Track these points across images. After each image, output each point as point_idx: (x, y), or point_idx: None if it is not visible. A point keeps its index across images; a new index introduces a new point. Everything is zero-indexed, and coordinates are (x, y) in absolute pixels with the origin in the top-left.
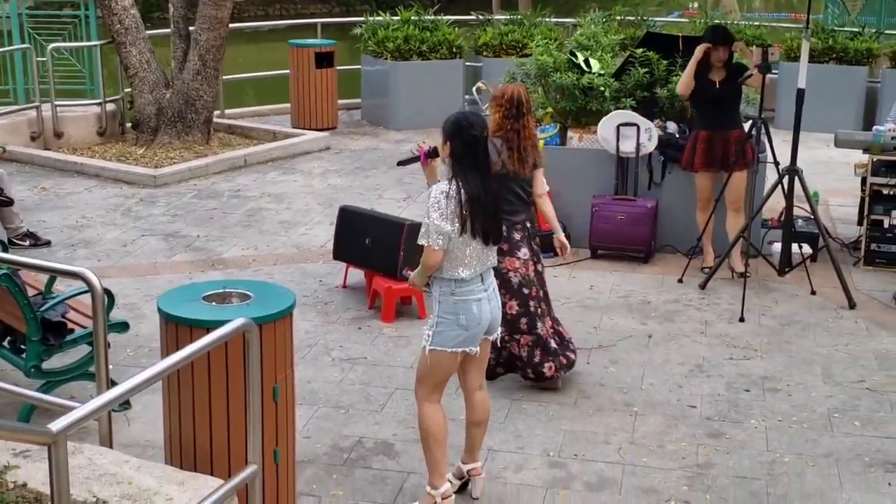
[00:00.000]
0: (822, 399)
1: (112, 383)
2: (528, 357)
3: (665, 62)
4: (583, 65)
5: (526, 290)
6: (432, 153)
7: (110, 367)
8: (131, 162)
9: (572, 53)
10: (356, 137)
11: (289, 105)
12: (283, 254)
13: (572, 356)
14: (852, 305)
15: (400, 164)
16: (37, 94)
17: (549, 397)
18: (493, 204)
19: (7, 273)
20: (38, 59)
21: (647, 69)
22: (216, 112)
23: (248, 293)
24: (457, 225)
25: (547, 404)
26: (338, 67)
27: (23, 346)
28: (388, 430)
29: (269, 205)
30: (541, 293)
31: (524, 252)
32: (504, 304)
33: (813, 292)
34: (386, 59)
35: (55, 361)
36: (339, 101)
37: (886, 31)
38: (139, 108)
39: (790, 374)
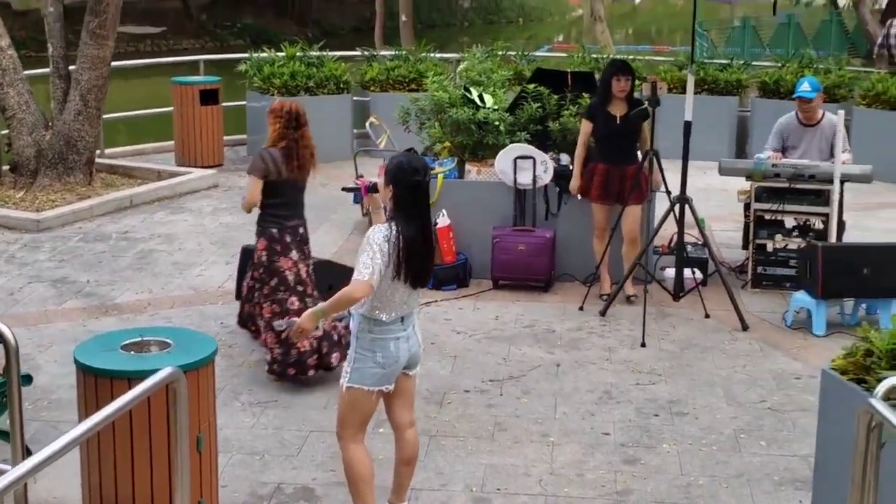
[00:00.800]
0: (728, 420)
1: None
2: (318, 348)
3: (556, 97)
4: (477, 100)
5: (301, 288)
6: (373, 188)
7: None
8: (10, 206)
9: (466, 89)
10: (244, 174)
11: (171, 143)
12: (179, 296)
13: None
14: (745, 327)
15: (344, 189)
16: None
17: (467, 431)
18: (427, 249)
19: None
20: None
21: (539, 104)
22: (96, 152)
23: (168, 341)
24: (390, 270)
25: (465, 438)
26: (222, 104)
27: None
28: (306, 475)
29: (159, 246)
30: (315, 292)
31: (294, 254)
32: (286, 301)
33: (707, 315)
34: (273, 94)
35: None
36: (224, 138)
37: (753, 63)
38: (17, 151)
39: (695, 397)
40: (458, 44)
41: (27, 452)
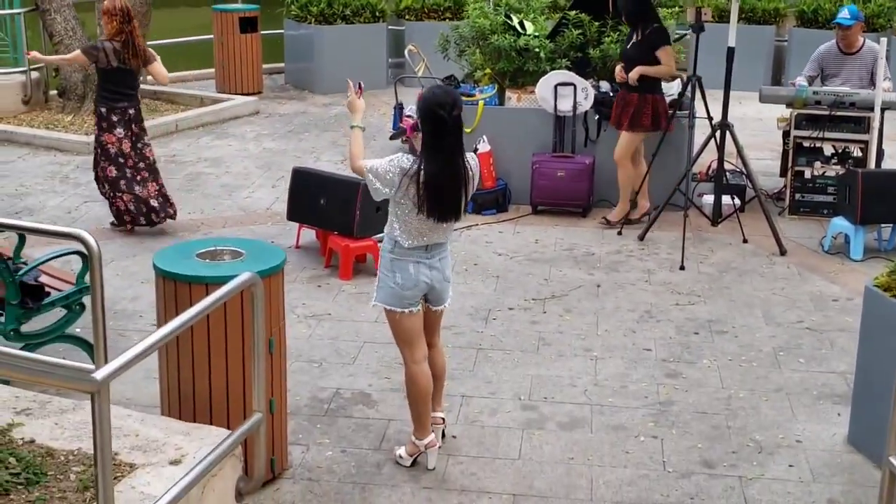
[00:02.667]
0: (767, 339)
1: (88, 345)
2: (137, 211)
3: (596, 24)
4: (517, 27)
5: (121, 160)
6: (418, 126)
7: (78, 329)
8: (60, 129)
9: (507, 16)
10: (283, 101)
11: (211, 70)
12: (230, 216)
13: (171, 211)
14: (783, 252)
15: (391, 137)
16: None
17: (513, 345)
18: (454, 185)
19: None
20: None
21: (579, 31)
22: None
23: (240, 250)
24: (408, 202)
25: (511, 352)
26: (261, 32)
27: (0, 311)
28: (363, 381)
29: (207, 169)
30: (140, 164)
31: (119, 131)
32: (106, 169)
33: (745, 241)
34: (310, 23)
35: (32, 325)
36: (263, 66)
37: None
38: (65, 76)
39: (734, 317)
40: None
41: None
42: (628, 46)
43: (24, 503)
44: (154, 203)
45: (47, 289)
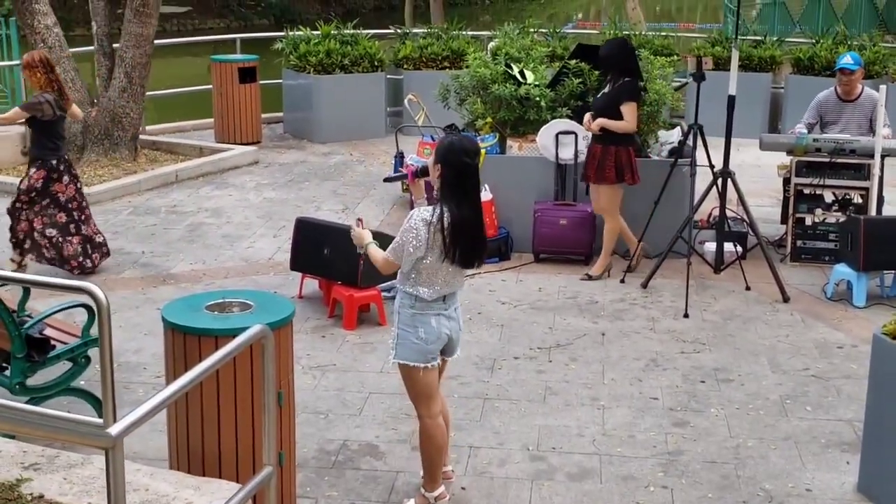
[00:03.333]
0: (773, 387)
1: (93, 398)
2: (83, 252)
3: (596, 73)
4: (518, 76)
5: (70, 205)
6: (420, 173)
7: (82, 382)
8: None
9: (507, 65)
10: (283, 151)
11: (209, 120)
12: (232, 267)
13: (105, 249)
14: (786, 299)
15: (386, 180)
16: None
17: (519, 395)
18: (476, 230)
19: None
20: None
21: (579, 79)
22: (140, 128)
23: (249, 302)
24: (435, 251)
25: (518, 401)
26: (260, 82)
27: (5, 364)
28: (370, 433)
29: (208, 220)
30: (83, 203)
31: (66, 178)
32: (55, 216)
33: (748, 288)
34: (309, 72)
35: (38, 378)
36: (262, 116)
37: (786, 39)
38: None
39: (739, 365)
40: (480, 22)
41: None
42: (598, 96)
43: None
44: (98, 239)
45: (53, 342)
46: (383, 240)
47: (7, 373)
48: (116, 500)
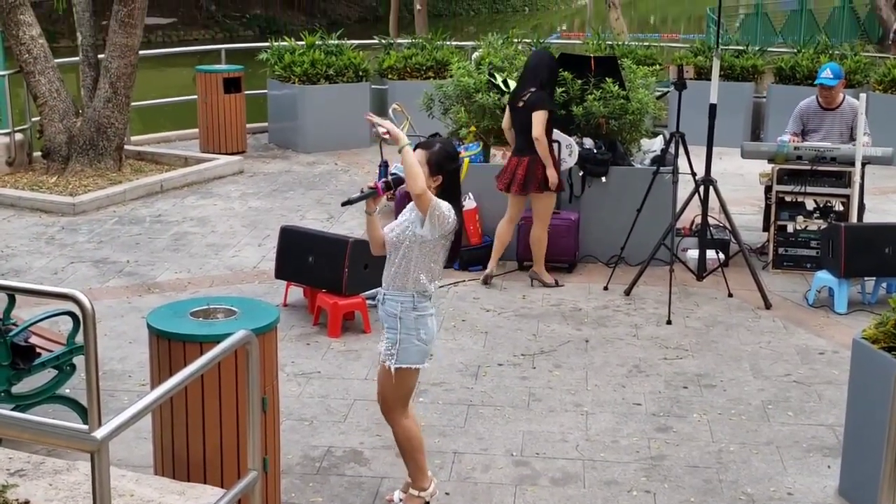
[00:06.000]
0: (755, 392)
1: (78, 405)
2: None
3: (579, 82)
4: (501, 85)
5: None
6: (392, 184)
7: (68, 390)
8: (45, 191)
9: (491, 74)
10: (268, 161)
11: (194, 130)
12: (217, 276)
13: None
14: (768, 306)
15: (345, 204)
16: None
17: (503, 401)
18: (460, 230)
19: None
20: None
21: (562, 89)
22: (125, 138)
23: (233, 309)
24: (447, 243)
25: (502, 408)
26: (245, 92)
27: None
28: (354, 439)
29: (193, 229)
30: None
31: None
32: None
33: (730, 294)
34: (293, 82)
35: (23, 386)
36: (247, 126)
37: (768, 49)
38: (49, 137)
39: (722, 370)
40: (464, 33)
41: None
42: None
43: None
44: None
45: (38, 350)
46: (366, 247)
47: None
48: (102, 502)
